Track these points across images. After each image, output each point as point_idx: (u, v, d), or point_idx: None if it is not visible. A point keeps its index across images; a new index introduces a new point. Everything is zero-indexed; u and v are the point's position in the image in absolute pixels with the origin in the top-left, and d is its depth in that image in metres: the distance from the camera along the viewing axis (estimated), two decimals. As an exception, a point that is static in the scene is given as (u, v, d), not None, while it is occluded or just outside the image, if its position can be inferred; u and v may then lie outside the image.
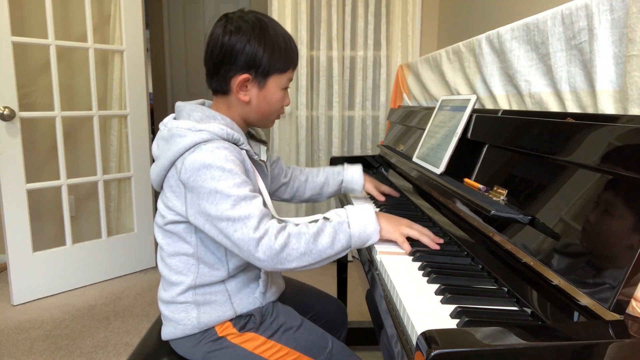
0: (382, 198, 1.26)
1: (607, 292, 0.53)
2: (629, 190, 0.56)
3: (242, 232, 0.79)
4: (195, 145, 0.84)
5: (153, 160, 0.94)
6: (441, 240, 0.91)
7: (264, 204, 0.87)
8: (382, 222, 0.89)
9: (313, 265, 0.84)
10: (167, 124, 0.92)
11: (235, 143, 0.90)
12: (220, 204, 0.80)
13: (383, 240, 0.90)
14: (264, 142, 1.07)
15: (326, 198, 1.28)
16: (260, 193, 0.93)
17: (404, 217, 0.96)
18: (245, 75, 0.90)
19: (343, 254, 0.86)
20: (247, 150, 0.92)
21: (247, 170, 0.90)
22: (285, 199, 1.24)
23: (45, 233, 2.50)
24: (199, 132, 0.85)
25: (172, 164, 0.86)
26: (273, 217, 0.86)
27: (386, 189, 1.31)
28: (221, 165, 0.82)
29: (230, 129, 0.89)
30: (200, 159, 0.82)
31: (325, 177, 1.26)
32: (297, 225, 0.84)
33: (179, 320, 0.92)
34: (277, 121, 2.61)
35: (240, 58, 0.88)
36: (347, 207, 0.89)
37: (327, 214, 0.88)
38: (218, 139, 0.86)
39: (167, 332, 0.95)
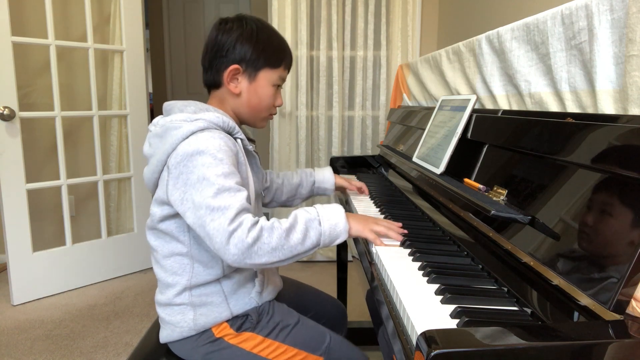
0: (353, 188, 1.33)
1: (607, 292, 0.53)
2: (628, 190, 0.56)
3: (218, 222, 0.78)
4: (192, 134, 0.85)
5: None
6: (405, 231, 0.94)
7: (249, 198, 0.87)
8: (351, 221, 0.89)
9: (282, 261, 0.82)
10: (158, 122, 0.93)
11: (231, 132, 0.92)
12: (204, 191, 0.80)
13: (352, 237, 0.93)
14: (252, 141, 1.07)
15: (300, 201, 1.31)
16: (249, 185, 0.94)
17: (403, 217, 0.97)
18: (235, 66, 0.94)
19: (311, 253, 0.85)
20: (242, 140, 0.94)
21: (240, 162, 0.91)
22: (265, 202, 1.25)
23: (45, 233, 2.50)
24: (195, 121, 0.86)
25: (169, 156, 0.86)
26: (250, 212, 0.85)
27: (357, 183, 1.35)
28: (213, 153, 0.83)
29: (225, 117, 0.91)
30: (195, 145, 0.83)
31: (300, 179, 1.29)
32: (269, 219, 0.84)
33: (176, 322, 0.92)
34: (277, 121, 2.63)
35: (231, 52, 0.94)
36: (317, 205, 0.90)
37: (296, 211, 0.87)
38: (215, 128, 0.88)
39: (165, 335, 0.95)
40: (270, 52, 0.96)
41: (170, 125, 0.87)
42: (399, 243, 0.91)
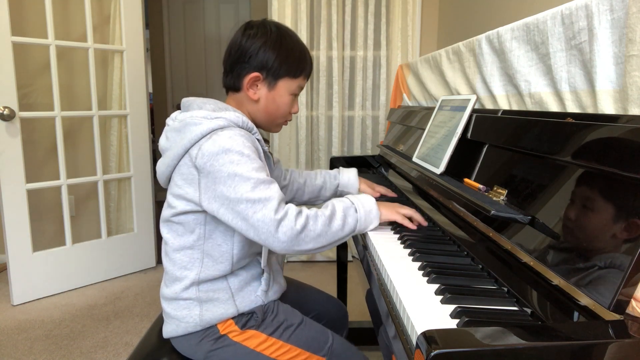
0: (376, 194, 1.31)
1: (607, 292, 0.53)
2: (628, 190, 0.56)
3: (262, 214, 0.81)
4: (212, 131, 0.86)
5: (154, 160, 0.94)
6: (425, 223, 1.02)
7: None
8: (381, 208, 0.97)
9: (325, 247, 0.88)
10: (177, 117, 0.94)
11: (249, 132, 0.93)
12: (240, 187, 0.82)
13: (383, 221, 0.99)
14: (266, 141, 1.08)
15: (323, 202, 1.29)
16: None
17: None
18: (256, 74, 0.95)
19: (347, 238, 0.91)
20: (258, 140, 0.95)
21: (261, 158, 0.92)
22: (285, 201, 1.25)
23: (45, 233, 2.50)
24: (215, 119, 0.87)
25: (187, 151, 0.87)
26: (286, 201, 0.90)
27: (381, 189, 1.33)
28: (240, 150, 0.84)
29: (245, 117, 0.93)
30: (220, 144, 0.84)
31: (323, 180, 1.28)
32: (310, 208, 0.88)
33: (182, 317, 0.92)
34: (277, 121, 2.63)
35: (253, 59, 0.94)
36: (349, 195, 0.96)
37: (331, 201, 0.93)
38: (234, 127, 0.89)
39: (169, 330, 0.95)
40: (292, 62, 0.97)
41: (189, 121, 0.88)
42: (397, 237, 0.96)
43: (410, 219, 1.00)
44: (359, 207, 0.92)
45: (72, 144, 2.52)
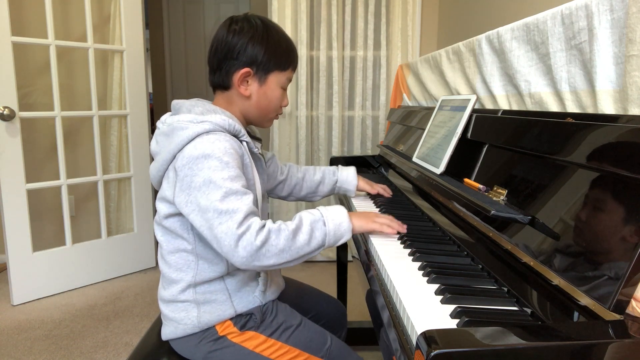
0: (374, 191, 1.31)
1: (607, 292, 0.53)
2: (628, 190, 0.56)
3: (226, 226, 0.79)
4: (198, 135, 0.85)
5: (152, 159, 0.94)
6: (404, 229, 0.97)
7: (255, 201, 0.88)
8: (353, 220, 0.91)
9: (289, 262, 0.83)
10: (166, 120, 0.93)
11: (237, 135, 0.92)
12: (211, 194, 0.80)
13: (359, 233, 0.95)
14: (259, 139, 1.08)
15: (320, 198, 1.30)
16: (255, 187, 0.95)
17: (403, 217, 0.98)
18: (246, 69, 0.93)
19: (316, 253, 0.87)
20: (247, 142, 0.94)
21: (245, 164, 0.91)
22: (282, 196, 1.26)
23: (45, 233, 2.50)
24: (201, 123, 0.86)
25: (174, 156, 0.86)
26: (257, 215, 0.86)
27: (379, 187, 1.33)
28: (219, 157, 0.83)
29: (232, 120, 0.91)
30: (201, 149, 0.83)
31: (322, 175, 1.28)
32: (275, 222, 0.84)
33: (179, 319, 0.92)
34: (277, 121, 2.63)
35: (242, 54, 0.93)
36: (320, 207, 0.91)
37: (300, 213, 0.89)
38: (220, 131, 0.88)
39: (168, 332, 0.95)
40: (280, 55, 0.96)
41: (177, 126, 0.87)
42: (397, 237, 0.94)
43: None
44: (328, 220, 0.87)
45: (72, 144, 2.52)
